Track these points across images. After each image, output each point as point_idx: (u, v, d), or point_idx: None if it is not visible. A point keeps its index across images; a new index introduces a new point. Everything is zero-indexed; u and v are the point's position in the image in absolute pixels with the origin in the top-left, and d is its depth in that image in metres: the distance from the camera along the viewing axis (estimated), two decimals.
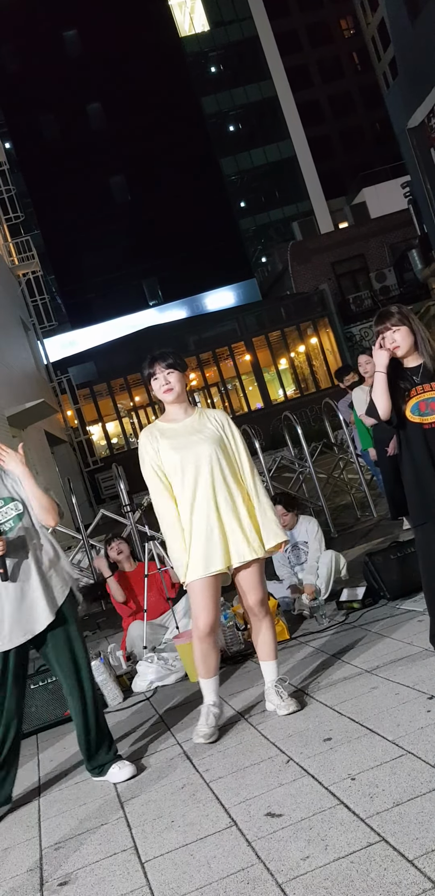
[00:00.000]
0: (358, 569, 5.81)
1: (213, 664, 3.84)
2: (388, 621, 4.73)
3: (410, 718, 3.18)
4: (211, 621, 3.77)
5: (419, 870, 2.14)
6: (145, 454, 3.84)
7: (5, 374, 17.28)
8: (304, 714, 3.67)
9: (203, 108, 48.70)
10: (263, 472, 10.25)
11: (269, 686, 3.87)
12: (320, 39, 53.41)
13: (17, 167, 40.93)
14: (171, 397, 3.86)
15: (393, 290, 35.51)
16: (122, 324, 38.74)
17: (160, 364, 3.85)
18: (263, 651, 3.90)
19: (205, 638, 3.78)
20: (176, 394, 3.86)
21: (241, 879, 2.42)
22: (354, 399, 6.96)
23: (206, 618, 3.75)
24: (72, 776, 3.98)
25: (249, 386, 36.26)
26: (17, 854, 3.24)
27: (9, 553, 3.60)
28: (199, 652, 3.82)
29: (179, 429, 3.84)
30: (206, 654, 3.81)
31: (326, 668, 4.24)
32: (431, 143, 20.07)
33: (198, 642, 3.81)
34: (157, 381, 3.86)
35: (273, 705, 3.81)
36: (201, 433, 3.82)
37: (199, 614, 3.76)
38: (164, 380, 3.85)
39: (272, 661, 3.89)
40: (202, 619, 3.76)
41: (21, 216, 27.61)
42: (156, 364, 3.86)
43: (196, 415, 3.91)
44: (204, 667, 3.83)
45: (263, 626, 3.88)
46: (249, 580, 3.83)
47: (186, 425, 3.85)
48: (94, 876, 2.80)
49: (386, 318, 3.85)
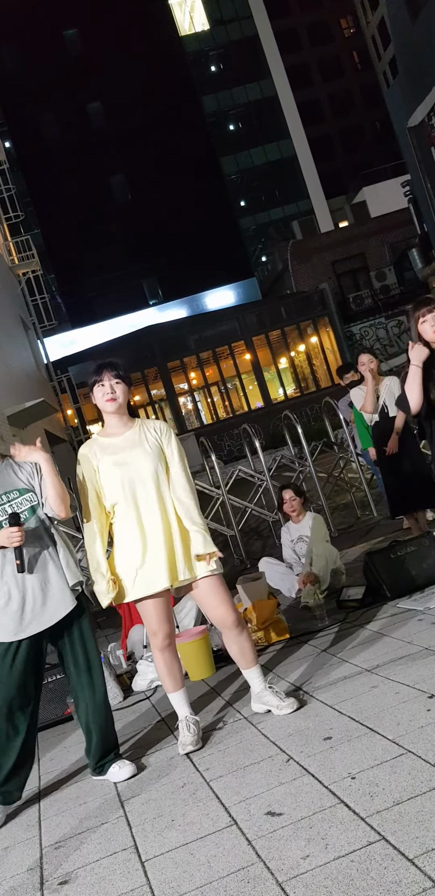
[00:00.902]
0: (358, 568, 5.81)
1: (179, 675, 3.83)
2: (388, 620, 4.73)
3: (410, 717, 3.18)
4: (169, 630, 3.78)
5: (419, 868, 2.14)
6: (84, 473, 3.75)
7: (5, 374, 17.28)
8: (304, 713, 3.67)
9: (203, 107, 48.70)
10: (263, 471, 10.26)
11: (260, 690, 3.82)
12: (321, 38, 53.42)
13: (16, 166, 40.93)
14: (113, 407, 3.77)
15: (393, 290, 35.51)
16: (123, 323, 38.76)
17: (109, 372, 3.78)
18: (242, 661, 3.85)
19: (166, 648, 3.77)
20: (118, 405, 3.77)
21: (241, 878, 2.42)
22: (354, 398, 6.96)
23: (165, 628, 3.76)
24: (72, 775, 3.98)
25: (249, 385, 36.27)
26: (17, 853, 3.24)
27: (26, 544, 3.59)
28: (163, 665, 3.78)
29: (119, 443, 3.77)
30: (171, 665, 3.79)
31: (327, 667, 4.23)
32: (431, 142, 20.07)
33: (160, 654, 3.77)
34: (102, 387, 3.77)
35: (268, 706, 3.78)
36: (142, 447, 3.76)
37: (156, 629, 3.74)
38: (111, 388, 3.76)
39: (253, 668, 3.84)
40: (160, 632, 3.75)
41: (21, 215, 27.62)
42: (104, 371, 3.78)
43: (136, 427, 3.83)
44: (171, 679, 3.79)
45: (239, 639, 3.80)
46: (208, 596, 3.78)
47: (127, 439, 3.78)
48: (94, 875, 2.80)
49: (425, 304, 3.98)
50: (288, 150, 50.65)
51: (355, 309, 35.64)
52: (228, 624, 3.78)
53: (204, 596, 3.79)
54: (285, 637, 5.12)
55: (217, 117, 50.64)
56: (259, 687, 3.83)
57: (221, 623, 3.80)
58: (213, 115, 50.17)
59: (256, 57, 50.48)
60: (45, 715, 5.01)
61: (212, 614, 3.82)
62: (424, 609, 4.65)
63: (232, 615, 3.78)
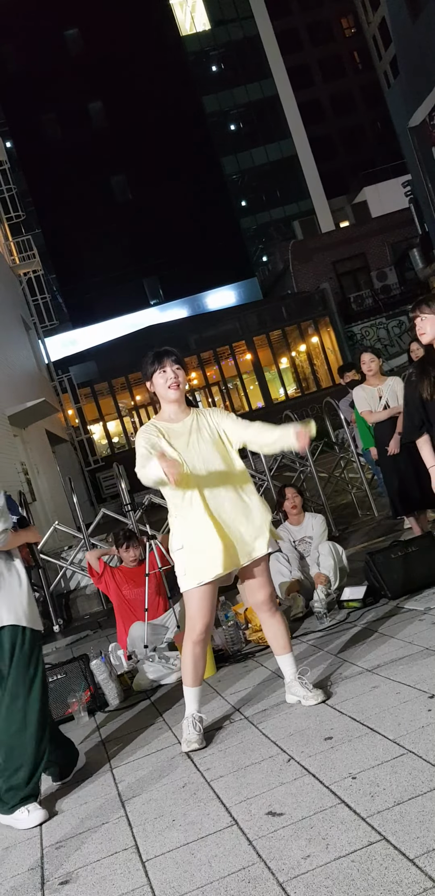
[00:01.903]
0: (359, 568, 5.81)
1: (202, 672, 3.83)
2: (389, 620, 4.73)
3: (411, 717, 3.18)
4: (209, 624, 3.77)
5: (420, 868, 2.14)
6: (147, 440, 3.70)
7: (6, 374, 17.27)
8: (304, 713, 3.67)
9: (204, 106, 48.68)
10: (263, 471, 10.26)
11: (291, 679, 3.83)
12: (321, 38, 53.41)
13: (18, 166, 40.92)
14: (176, 394, 3.81)
15: (394, 290, 35.50)
16: (123, 323, 38.74)
17: (169, 359, 3.82)
18: (276, 646, 3.88)
19: (200, 642, 3.76)
20: (181, 392, 3.83)
21: (242, 878, 2.42)
22: (355, 398, 6.96)
23: (205, 620, 3.74)
24: (72, 775, 3.98)
25: (250, 385, 36.26)
26: (18, 853, 3.24)
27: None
28: (190, 657, 3.77)
29: (178, 429, 3.80)
30: (198, 660, 3.78)
31: (327, 668, 4.23)
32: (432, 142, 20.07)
33: (192, 646, 3.76)
34: (164, 374, 3.81)
35: (298, 697, 3.78)
36: (200, 433, 3.79)
37: (197, 619, 3.73)
38: (173, 374, 3.81)
39: (288, 654, 3.87)
40: (201, 623, 3.73)
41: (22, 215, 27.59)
42: (165, 359, 3.82)
43: (193, 415, 3.87)
44: (193, 674, 3.78)
45: (273, 621, 3.85)
46: (256, 578, 3.82)
47: (185, 425, 3.81)
48: (95, 875, 2.80)
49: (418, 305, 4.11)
50: (289, 149, 50.63)
51: (356, 309, 35.63)
52: (266, 606, 3.84)
53: (256, 576, 3.81)
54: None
55: (218, 117, 50.61)
56: (290, 675, 3.84)
57: (262, 603, 3.84)
58: (214, 114, 50.14)
59: (256, 57, 50.46)
60: None
61: (253, 595, 3.85)
62: (425, 609, 4.65)
63: (270, 597, 3.84)
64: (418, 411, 4.35)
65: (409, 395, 4.45)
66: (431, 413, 4.31)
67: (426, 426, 4.36)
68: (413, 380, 4.40)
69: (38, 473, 18.35)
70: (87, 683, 5.02)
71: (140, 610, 5.82)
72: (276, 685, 4.24)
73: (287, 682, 3.87)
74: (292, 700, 3.83)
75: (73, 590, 9.68)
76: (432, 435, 4.37)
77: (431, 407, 4.30)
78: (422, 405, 4.33)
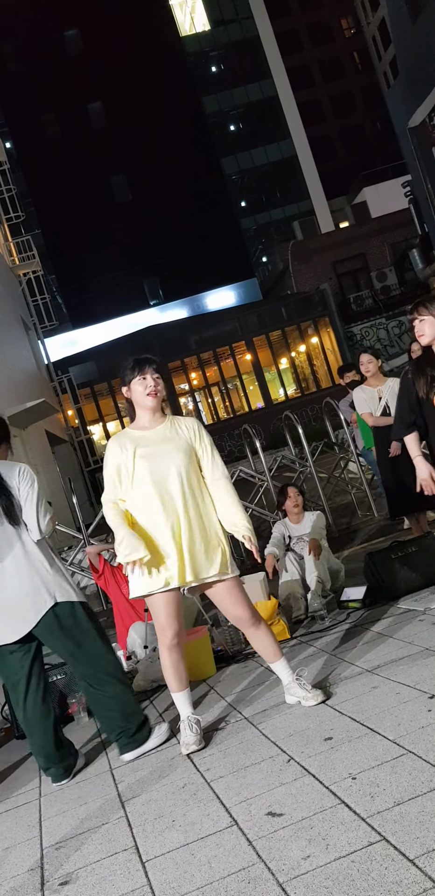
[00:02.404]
0: (359, 568, 5.81)
1: (185, 674, 3.82)
2: (388, 621, 4.73)
3: (410, 718, 3.18)
4: (178, 628, 3.76)
5: (420, 869, 2.14)
6: (111, 462, 3.78)
7: (6, 374, 17.28)
8: (304, 713, 3.67)
9: (204, 107, 48.70)
10: (263, 472, 10.25)
11: (289, 682, 3.84)
12: (321, 39, 53.44)
13: (17, 167, 40.94)
14: (154, 402, 3.83)
15: (394, 290, 35.51)
16: (123, 323, 38.76)
17: (150, 367, 3.86)
18: (267, 655, 3.88)
19: (175, 647, 3.76)
20: (158, 400, 3.85)
21: (241, 879, 2.42)
22: (355, 398, 6.96)
23: (175, 626, 3.74)
24: (72, 776, 3.98)
25: (249, 385, 36.27)
26: (17, 853, 3.24)
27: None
28: (169, 664, 3.77)
29: (151, 436, 3.81)
30: (177, 665, 3.78)
31: (327, 668, 4.23)
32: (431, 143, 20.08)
33: (167, 653, 3.76)
34: (144, 381, 3.83)
35: (297, 698, 3.79)
36: (172, 442, 3.79)
37: (165, 626, 3.73)
38: (153, 382, 3.83)
39: (280, 660, 3.86)
40: (169, 630, 3.73)
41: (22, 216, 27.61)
42: (146, 366, 3.85)
43: (167, 422, 3.87)
44: (176, 679, 3.78)
45: (257, 634, 3.83)
46: (224, 598, 3.80)
47: (158, 433, 3.82)
48: (94, 875, 2.80)
49: (416, 306, 4.11)
50: (289, 150, 50.66)
51: (356, 309, 35.64)
52: (245, 623, 3.81)
53: (220, 597, 3.81)
54: (285, 638, 5.12)
55: (218, 118, 50.63)
56: (287, 679, 3.85)
57: (238, 622, 3.84)
58: (214, 115, 50.17)
59: (256, 57, 50.48)
60: None
61: (228, 614, 3.86)
62: (425, 609, 4.65)
63: (248, 614, 3.80)
64: (412, 410, 4.36)
65: (403, 393, 4.46)
66: (427, 413, 4.31)
67: (420, 425, 4.38)
68: (409, 377, 4.41)
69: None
70: None
71: (140, 610, 5.82)
72: (275, 686, 4.25)
73: (285, 685, 3.88)
74: (292, 701, 3.84)
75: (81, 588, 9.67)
76: (429, 435, 4.37)
77: (427, 406, 4.30)
78: (417, 404, 4.33)
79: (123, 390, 3.93)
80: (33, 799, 3.84)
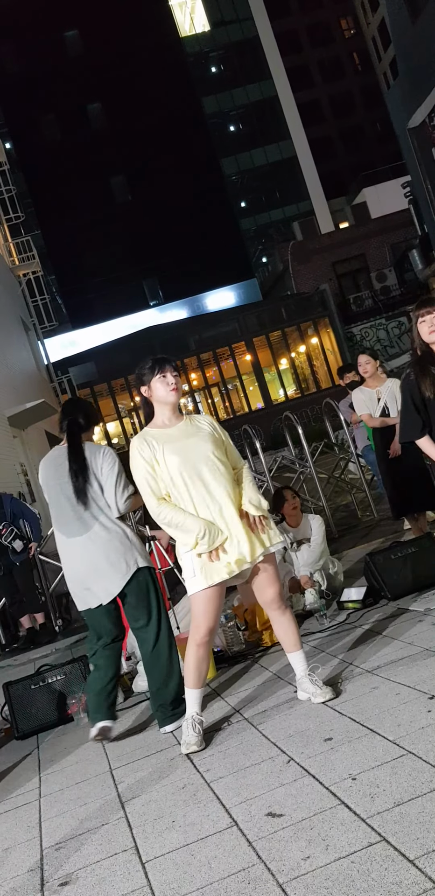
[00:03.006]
0: (359, 569, 5.81)
1: (205, 673, 3.83)
2: (389, 621, 4.73)
3: (410, 718, 3.18)
4: (213, 626, 3.77)
5: (420, 870, 2.14)
6: (141, 462, 3.80)
7: (6, 375, 17.28)
8: (304, 714, 3.67)
9: (204, 108, 48.70)
10: (263, 472, 10.25)
11: (301, 676, 3.84)
12: (321, 39, 53.44)
13: (17, 167, 40.93)
14: (176, 398, 3.90)
15: (394, 291, 35.51)
16: (123, 324, 38.75)
17: (170, 366, 3.92)
18: (287, 643, 3.88)
19: (204, 644, 3.77)
20: (179, 396, 3.93)
21: (241, 879, 2.42)
22: (354, 400, 6.95)
23: (210, 623, 3.74)
24: (72, 776, 3.98)
25: (249, 386, 36.27)
26: (17, 854, 3.24)
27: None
28: (194, 658, 3.77)
29: (174, 433, 3.85)
30: (201, 662, 3.78)
31: (327, 668, 4.23)
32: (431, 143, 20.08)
33: (195, 648, 3.77)
34: (164, 380, 3.88)
35: (307, 694, 3.79)
36: (197, 435, 3.84)
37: (202, 620, 3.73)
38: (174, 381, 3.90)
39: (298, 651, 3.87)
40: (205, 625, 3.74)
41: (21, 216, 27.59)
42: (166, 365, 3.91)
43: (186, 419, 3.94)
44: (196, 675, 3.79)
45: (283, 619, 3.85)
46: (265, 576, 3.81)
47: (180, 429, 3.87)
48: (94, 876, 2.80)
49: (423, 305, 4.10)
50: (288, 150, 50.66)
51: (356, 310, 35.65)
52: (275, 604, 3.83)
53: (264, 573, 3.81)
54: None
55: (217, 118, 50.63)
56: (301, 672, 3.86)
57: (271, 601, 3.84)
58: (214, 115, 50.17)
59: (256, 58, 50.47)
60: (45, 716, 5.01)
61: (261, 594, 3.85)
62: (425, 610, 4.65)
63: (279, 595, 3.84)
64: (419, 411, 4.31)
65: (407, 395, 4.41)
66: (433, 413, 4.29)
67: (427, 427, 4.34)
68: (412, 378, 4.37)
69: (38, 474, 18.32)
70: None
71: None
72: (275, 686, 4.25)
73: (298, 679, 3.88)
74: (303, 697, 3.85)
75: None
76: (433, 436, 4.35)
77: (432, 406, 4.27)
78: (423, 404, 4.29)
79: (142, 390, 3.97)
80: (33, 799, 3.84)
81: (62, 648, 7.60)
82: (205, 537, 3.65)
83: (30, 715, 5.00)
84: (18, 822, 3.60)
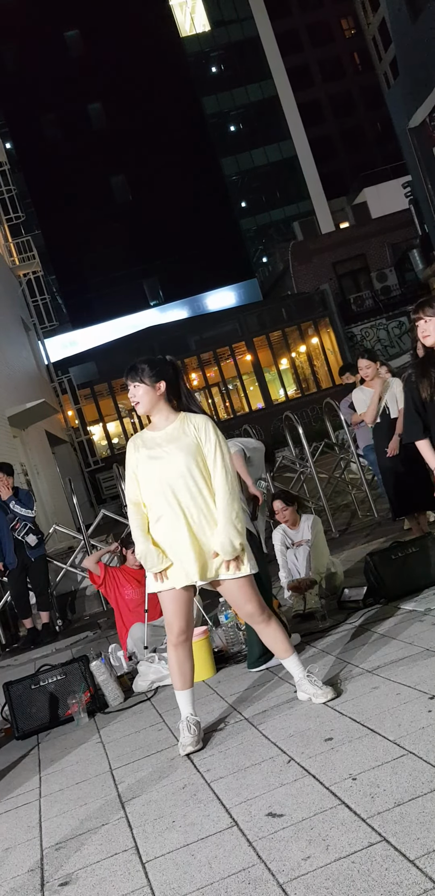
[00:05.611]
0: (359, 569, 5.81)
1: (190, 674, 3.82)
2: (389, 621, 4.72)
3: (411, 718, 3.18)
4: (185, 626, 3.77)
5: (420, 870, 2.14)
6: (128, 463, 3.83)
7: (6, 375, 17.28)
8: (305, 714, 3.67)
9: (204, 107, 48.70)
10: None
11: (300, 678, 3.83)
12: (321, 39, 53.44)
13: (17, 167, 40.92)
14: (140, 411, 3.83)
15: (394, 291, 35.52)
16: (123, 324, 38.75)
17: (130, 379, 3.82)
18: (277, 651, 3.88)
19: (180, 644, 3.77)
20: (144, 407, 3.80)
21: (242, 879, 2.42)
22: (354, 399, 6.96)
23: (180, 623, 3.75)
24: (73, 776, 3.98)
25: (250, 386, 36.27)
26: (17, 854, 3.24)
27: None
28: (174, 661, 3.77)
29: (159, 437, 3.78)
30: (182, 663, 3.78)
31: (327, 669, 4.23)
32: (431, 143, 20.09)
33: (173, 649, 3.77)
34: (130, 393, 3.85)
35: (308, 694, 3.78)
36: (178, 442, 3.73)
37: (172, 620, 3.75)
38: (132, 394, 3.82)
39: (291, 656, 3.85)
40: (176, 625, 3.75)
41: (22, 216, 27.58)
42: (127, 377, 3.84)
43: (178, 422, 3.79)
44: (180, 677, 3.78)
45: (268, 630, 3.84)
46: (232, 596, 3.81)
47: (166, 433, 3.78)
48: (95, 876, 2.80)
49: (421, 306, 4.08)
50: (289, 150, 50.66)
51: (356, 310, 35.65)
52: (256, 619, 3.83)
53: (231, 593, 3.81)
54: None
55: (218, 118, 50.63)
56: (298, 675, 3.85)
57: (250, 618, 3.85)
58: (214, 115, 50.17)
59: (256, 58, 50.47)
60: (45, 716, 5.01)
61: (239, 610, 3.89)
62: (425, 610, 4.65)
63: (259, 610, 3.81)
64: (420, 413, 4.33)
65: (408, 396, 4.43)
66: (432, 414, 4.30)
67: (428, 429, 4.35)
68: (413, 380, 4.38)
69: (38, 474, 18.35)
70: (87, 684, 5.02)
71: (140, 611, 5.82)
72: (275, 686, 4.24)
73: (296, 682, 3.88)
74: (303, 697, 3.84)
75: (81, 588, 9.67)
76: (433, 437, 4.36)
77: (432, 408, 4.28)
78: (422, 406, 4.31)
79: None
80: (33, 799, 3.83)
81: (62, 648, 7.60)
82: (145, 560, 3.72)
83: (30, 715, 5.01)
84: (18, 822, 3.60)
